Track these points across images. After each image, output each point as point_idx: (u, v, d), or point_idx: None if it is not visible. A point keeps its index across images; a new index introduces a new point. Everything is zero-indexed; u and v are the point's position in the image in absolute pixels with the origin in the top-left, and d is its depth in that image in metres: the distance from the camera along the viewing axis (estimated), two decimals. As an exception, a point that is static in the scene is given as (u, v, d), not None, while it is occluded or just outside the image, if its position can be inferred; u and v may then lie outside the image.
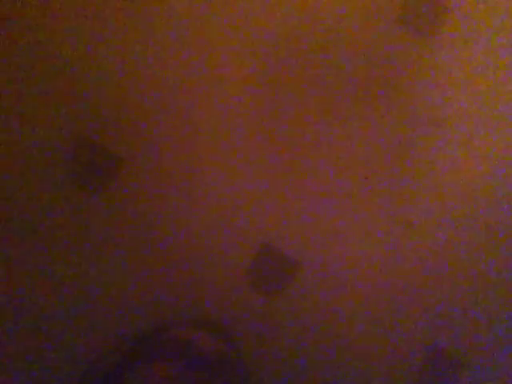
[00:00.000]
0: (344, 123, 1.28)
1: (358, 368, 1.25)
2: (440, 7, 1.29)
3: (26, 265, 1.20)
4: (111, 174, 1.23)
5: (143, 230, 1.23)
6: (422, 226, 1.28)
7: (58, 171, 1.22)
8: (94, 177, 1.23)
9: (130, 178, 1.24)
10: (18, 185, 1.21)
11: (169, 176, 1.25)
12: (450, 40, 1.29)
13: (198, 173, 1.25)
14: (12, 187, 1.21)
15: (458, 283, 1.28)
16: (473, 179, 1.29)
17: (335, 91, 1.28)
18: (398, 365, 1.26)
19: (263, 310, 1.25)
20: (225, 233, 1.25)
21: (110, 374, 0.98)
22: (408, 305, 1.27)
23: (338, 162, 1.28)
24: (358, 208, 1.28)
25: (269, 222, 1.26)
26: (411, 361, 1.26)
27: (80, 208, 1.22)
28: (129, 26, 1.24)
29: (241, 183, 1.26)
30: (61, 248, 1.21)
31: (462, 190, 1.29)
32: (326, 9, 1.27)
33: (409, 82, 1.28)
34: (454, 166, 1.29)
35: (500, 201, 1.29)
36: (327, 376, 1.25)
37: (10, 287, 1.20)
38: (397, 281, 1.28)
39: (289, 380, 1.24)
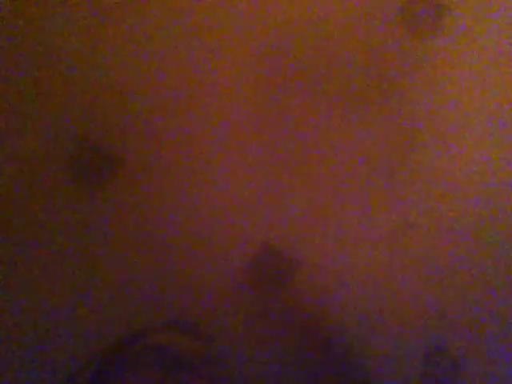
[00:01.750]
0: (343, 124, 1.28)
1: (357, 368, 1.25)
2: (440, 7, 1.29)
3: (26, 264, 1.20)
4: (111, 174, 1.23)
5: (143, 229, 1.24)
6: (421, 227, 1.28)
7: (57, 171, 1.22)
8: (94, 177, 1.23)
9: (130, 178, 1.24)
10: (17, 185, 1.21)
11: (169, 176, 1.25)
12: (451, 40, 1.29)
13: (197, 172, 1.26)
14: (11, 187, 1.21)
15: (458, 283, 1.28)
16: (473, 179, 1.29)
17: (334, 92, 1.28)
18: (398, 365, 1.26)
19: (262, 310, 1.25)
20: (224, 232, 1.25)
21: None
22: (408, 305, 1.27)
23: (338, 162, 1.28)
24: (357, 208, 1.28)
25: (268, 222, 1.27)
26: (411, 361, 1.26)
27: (80, 208, 1.22)
28: (129, 26, 1.24)
29: (240, 183, 1.26)
30: (60, 248, 1.21)
31: (463, 191, 1.29)
32: (325, 10, 1.27)
33: (408, 82, 1.28)
34: (455, 166, 1.29)
35: (500, 201, 1.29)
36: (326, 376, 1.25)
37: (10, 287, 1.20)
38: (397, 281, 1.28)
39: (287, 379, 1.24)
